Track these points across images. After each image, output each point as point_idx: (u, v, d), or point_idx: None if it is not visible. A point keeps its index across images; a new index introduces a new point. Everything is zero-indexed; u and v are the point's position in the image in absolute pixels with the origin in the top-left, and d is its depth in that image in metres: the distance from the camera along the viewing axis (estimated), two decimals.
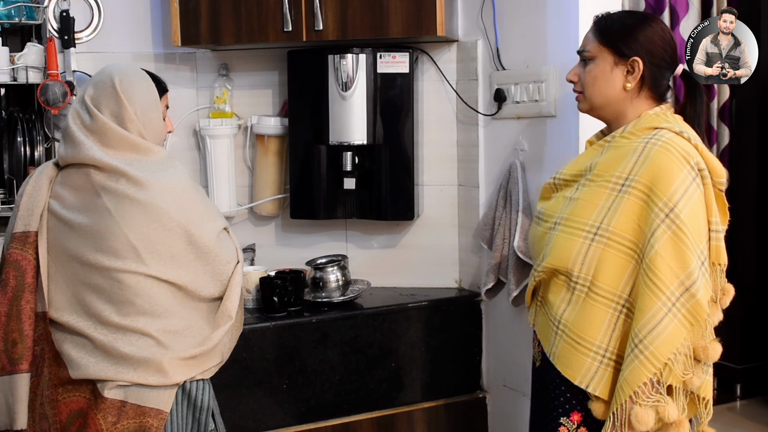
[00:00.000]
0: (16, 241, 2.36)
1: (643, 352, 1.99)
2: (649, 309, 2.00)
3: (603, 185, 2.12)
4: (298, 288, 3.22)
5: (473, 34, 3.35)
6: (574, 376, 2.11)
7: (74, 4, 3.30)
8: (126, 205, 2.31)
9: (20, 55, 3.22)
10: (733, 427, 4.52)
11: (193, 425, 2.42)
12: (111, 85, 2.40)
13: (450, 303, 3.37)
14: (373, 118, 3.32)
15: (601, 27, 2.22)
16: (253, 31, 3.24)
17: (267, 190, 3.52)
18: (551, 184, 2.32)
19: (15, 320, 2.33)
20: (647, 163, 2.06)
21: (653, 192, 2.04)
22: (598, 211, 2.10)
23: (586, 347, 2.09)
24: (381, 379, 3.21)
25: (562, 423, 2.17)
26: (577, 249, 2.10)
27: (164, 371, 2.30)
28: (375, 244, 3.56)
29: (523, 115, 3.10)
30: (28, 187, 2.41)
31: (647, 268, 2.01)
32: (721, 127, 5.05)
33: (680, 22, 4.86)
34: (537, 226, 2.31)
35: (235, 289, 2.47)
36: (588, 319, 2.09)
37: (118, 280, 2.30)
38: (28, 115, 3.26)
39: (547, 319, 2.21)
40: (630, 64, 2.17)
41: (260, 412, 3.00)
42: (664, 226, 2.01)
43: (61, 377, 2.32)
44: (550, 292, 2.19)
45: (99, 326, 2.30)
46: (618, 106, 2.21)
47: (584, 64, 2.24)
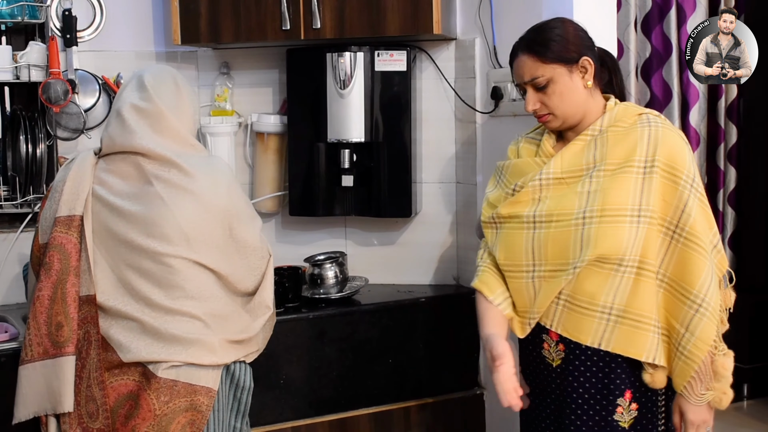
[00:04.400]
0: (60, 224, 2.43)
1: (708, 309, 2.19)
2: (702, 270, 2.20)
3: (627, 171, 2.24)
4: (296, 284, 3.26)
5: (471, 33, 3.38)
6: (640, 353, 2.24)
7: (76, 3, 3.33)
8: (179, 193, 2.43)
9: (23, 53, 3.25)
10: (740, 427, 4.53)
11: (233, 404, 2.55)
12: (172, 78, 2.58)
13: (448, 300, 3.39)
14: (371, 115, 3.35)
15: (538, 49, 2.29)
16: (252, 29, 3.27)
17: (267, 187, 3.55)
18: (535, 186, 2.34)
19: (60, 303, 2.40)
20: (660, 145, 2.24)
21: (674, 168, 2.23)
22: (633, 195, 2.23)
23: (647, 323, 2.23)
24: (378, 375, 3.23)
25: (619, 404, 2.29)
26: (627, 234, 2.21)
27: (215, 351, 2.42)
28: (374, 241, 3.59)
29: (520, 113, 3.12)
30: (71, 172, 2.48)
31: (690, 235, 2.22)
32: (728, 125, 5.05)
33: (687, 21, 4.87)
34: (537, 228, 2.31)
35: (270, 281, 2.63)
36: (642, 297, 2.23)
37: (169, 264, 2.39)
38: (30, 113, 3.29)
39: (580, 315, 2.27)
40: (581, 65, 2.29)
41: (258, 407, 3.02)
42: (693, 196, 2.22)
43: (110, 361, 2.39)
44: (588, 285, 2.25)
45: (147, 309, 2.39)
46: (585, 106, 2.33)
47: (540, 90, 2.30)
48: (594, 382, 2.29)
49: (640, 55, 4.86)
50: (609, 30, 2.94)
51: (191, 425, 2.38)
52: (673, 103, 4.80)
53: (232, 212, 2.52)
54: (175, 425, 2.36)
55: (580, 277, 2.25)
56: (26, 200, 3.26)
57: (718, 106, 5.02)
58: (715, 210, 5.17)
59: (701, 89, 4.89)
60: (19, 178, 3.26)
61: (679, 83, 4.84)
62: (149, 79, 2.53)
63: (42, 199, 2.61)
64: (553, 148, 2.39)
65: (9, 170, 3.32)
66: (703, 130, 4.96)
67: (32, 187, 3.27)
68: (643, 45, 4.86)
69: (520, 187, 2.36)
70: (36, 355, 2.40)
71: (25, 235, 3.20)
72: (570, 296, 2.28)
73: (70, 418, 2.39)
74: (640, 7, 4.84)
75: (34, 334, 2.40)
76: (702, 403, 2.24)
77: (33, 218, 3.22)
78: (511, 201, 2.38)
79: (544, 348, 2.37)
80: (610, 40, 2.89)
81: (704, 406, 2.25)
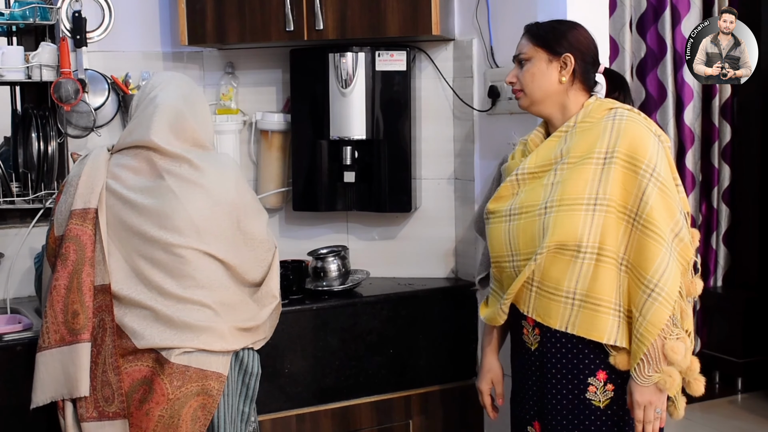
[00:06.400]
0: (75, 217, 2.52)
1: (660, 294, 2.27)
2: (657, 256, 2.28)
3: (586, 163, 2.36)
4: (299, 277, 3.31)
5: (469, 34, 3.44)
6: (601, 336, 2.35)
7: (86, 5, 3.38)
8: (190, 187, 2.52)
9: (34, 54, 3.30)
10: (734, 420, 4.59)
11: (242, 389, 2.63)
12: (188, 84, 2.72)
13: (446, 292, 3.45)
14: (372, 114, 3.41)
15: (534, 32, 2.51)
16: (257, 30, 3.32)
17: (271, 183, 3.61)
18: (512, 182, 2.50)
19: (75, 292, 2.48)
20: (621, 135, 2.35)
21: (634, 158, 2.32)
22: (590, 184, 2.34)
23: (606, 307, 2.34)
24: (379, 365, 3.28)
25: (590, 383, 2.39)
26: (582, 221, 2.32)
27: (225, 338, 2.50)
28: (375, 236, 3.64)
29: (516, 111, 3.18)
30: (86, 167, 2.57)
31: (646, 222, 2.29)
32: (722, 124, 5.11)
33: (682, 21, 4.91)
34: (511, 221, 2.46)
35: (276, 272, 2.71)
36: (602, 281, 2.34)
37: (180, 255, 2.48)
38: (41, 112, 3.33)
39: (548, 300, 2.39)
40: (563, 60, 2.45)
41: (263, 395, 3.06)
42: (651, 185, 2.30)
43: (125, 348, 2.47)
44: (553, 271, 2.37)
45: (160, 298, 2.47)
46: (557, 98, 2.48)
47: (521, 66, 2.50)
48: (565, 362, 2.41)
49: (635, 55, 4.92)
50: (602, 30, 3.00)
51: (202, 409, 2.46)
52: (668, 102, 4.86)
53: (240, 206, 2.60)
54: (188, 409, 2.44)
55: (546, 263, 2.36)
56: (38, 196, 3.31)
57: (713, 105, 5.07)
58: (710, 207, 5.23)
59: (696, 88, 4.94)
60: (31, 175, 3.32)
61: (674, 83, 4.89)
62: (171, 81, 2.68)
63: (56, 194, 2.69)
64: (536, 146, 2.53)
65: (21, 167, 3.37)
66: (697, 128, 5.01)
67: (44, 183, 3.33)
68: (638, 45, 4.91)
69: (501, 184, 2.54)
70: (53, 342, 2.49)
71: (37, 230, 3.25)
72: (540, 282, 2.40)
73: (87, 402, 2.47)
74: (635, 7, 4.89)
75: (51, 322, 2.49)
76: (648, 384, 2.31)
77: (45, 214, 3.27)
78: (495, 197, 2.55)
79: (524, 333, 2.51)
80: (602, 40, 2.95)
81: (651, 387, 2.32)
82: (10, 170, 3.42)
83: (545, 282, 2.39)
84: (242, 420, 2.63)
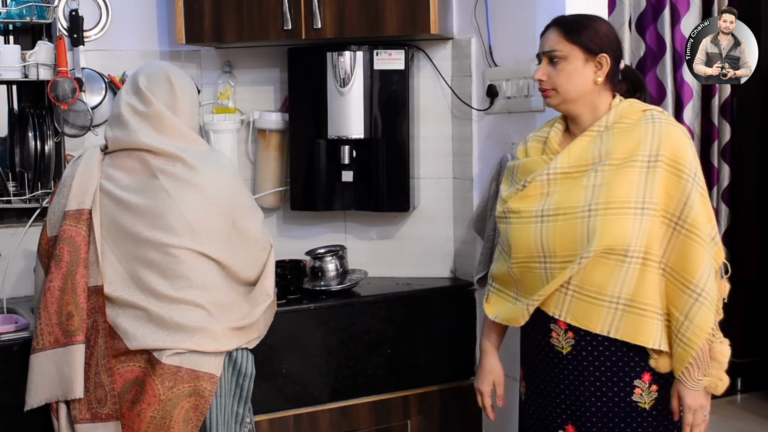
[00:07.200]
0: (69, 218, 2.51)
1: (707, 298, 2.28)
2: (702, 260, 2.29)
3: (631, 166, 2.33)
4: (297, 277, 3.31)
5: (467, 32, 3.43)
6: (647, 341, 2.33)
7: (83, 3, 3.37)
8: (183, 186, 2.50)
9: (31, 52, 3.29)
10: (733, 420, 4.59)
11: (236, 390, 2.61)
12: (165, 77, 2.61)
13: (445, 292, 3.44)
14: (371, 113, 3.40)
15: (568, 28, 2.42)
16: (255, 29, 3.32)
17: (268, 182, 3.61)
18: (542, 181, 2.43)
19: (70, 294, 2.47)
20: (664, 139, 2.33)
21: (678, 162, 2.32)
22: (637, 188, 2.31)
23: (652, 311, 2.33)
24: (377, 365, 3.28)
25: (636, 385, 2.37)
26: (631, 225, 2.29)
27: (218, 339, 2.48)
28: (373, 235, 3.64)
29: (514, 110, 3.19)
30: (79, 168, 2.55)
31: (691, 227, 2.30)
32: (722, 123, 5.09)
33: (681, 20, 4.90)
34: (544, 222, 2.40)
35: (271, 271, 2.69)
36: (648, 286, 2.32)
37: (174, 255, 2.47)
38: (38, 111, 3.33)
39: (588, 304, 2.35)
40: (598, 60, 2.40)
41: (261, 395, 3.07)
42: (695, 189, 2.31)
43: (117, 349, 2.46)
44: (596, 275, 2.33)
45: (153, 299, 2.46)
46: (589, 98, 2.42)
47: (552, 63, 2.43)
48: (609, 365, 2.37)
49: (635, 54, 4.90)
50: None
51: (195, 410, 2.45)
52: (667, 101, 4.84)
53: (235, 204, 2.59)
54: (179, 409, 2.43)
55: (588, 267, 2.32)
56: (34, 196, 3.31)
57: (712, 105, 5.06)
58: None
59: (695, 88, 4.93)
60: (28, 174, 3.32)
61: (673, 82, 4.88)
62: (143, 82, 2.59)
63: (50, 194, 2.68)
64: (558, 145, 2.48)
65: (17, 166, 3.38)
66: (697, 128, 5.00)
67: (40, 183, 3.32)
68: (637, 44, 4.90)
69: (528, 183, 2.45)
70: (47, 344, 2.48)
71: (33, 229, 3.24)
72: (578, 286, 2.35)
73: (80, 404, 2.46)
74: (635, 6, 4.88)
75: (45, 324, 2.48)
76: (699, 388, 2.31)
77: (41, 213, 3.25)
78: (520, 196, 2.46)
79: (552, 337, 2.44)
80: None
81: (701, 391, 2.32)
82: (7, 170, 3.42)
83: (585, 286, 2.35)
84: (236, 421, 2.61)
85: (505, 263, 2.55)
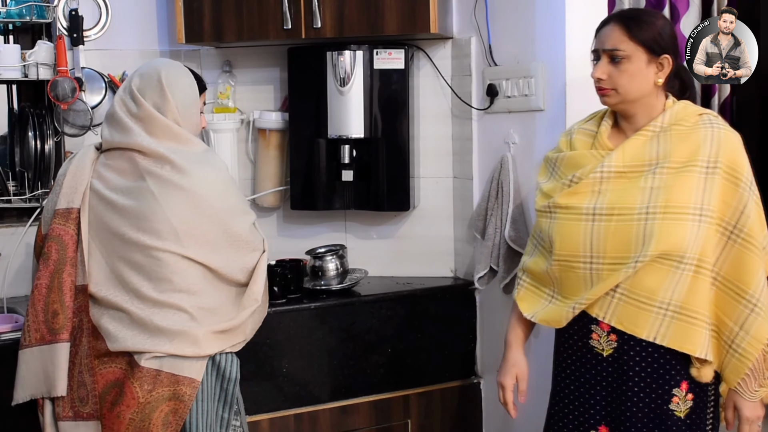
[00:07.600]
0: (59, 216, 2.51)
1: (762, 309, 2.25)
2: (758, 271, 2.26)
3: (691, 171, 2.26)
4: (297, 276, 3.31)
5: (467, 32, 3.43)
6: (694, 349, 2.29)
7: (83, 3, 3.37)
8: (170, 189, 2.47)
9: (31, 52, 3.30)
10: None
11: (220, 395, 2.58)
12: (157, 78, 2.57)
13: (445, 291, 3.44)
14: (370, 112, 3.40)
15: (631, 26, 2.31)
16: (254, 28, 3.32)
17: (268, 182, 3.61)
18: (595, 179, 2.35)
19: (56, 292, 2.47)
20: (722, 146, 2.27)
21: (736, 170, 2.27)
22: (696, 194, 2.25)
23: (701, 320, 2.28)
24: (378, 365, 3.28)
25: (675, 394, 2.33)
26: (690, 231, 2.24)
27: (199, 343, 2.46)
28: (373, 235, 3.64)
29: (514, 109, 3.19)
30: (71, 167, 2.55)
31: (747, 236, 2.26)
32: None
33: (680, 19, 4.89)
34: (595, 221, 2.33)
35: (261, 275, 2.65)
36: (699, 294, 2.27)
37: (158, 258, 2.45)
38: (38, 110, 3.33)
39: (636, 309, 2.30)
40: (660, 61, 2.32)
41: (261, 395, 3.08)
42: (752, 199, 2.26)
43: (99, 349, 2.46)
44: (648, 280, 2.27)
45: (136, 301, 2.45)
46: (648, 99, 2.35)
47: (613, 62, 2.32)
48: (650, 371, 2.33)
49: None
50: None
51: (174, 413, 2.44)
52: None
53: (225, 207, 2.55)
54: (158, 413, 2.42)
55: (640, 271, 2.27)
56: (34, 195, 3.32)
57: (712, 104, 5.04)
58: None
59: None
60: (28, 174, 3.33)
61: None
62: (136, 82, 2.57)
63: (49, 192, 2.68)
64: (609, 141, 2.40)
65: (17, 166, 3.38)
66: None
67: (40, 182, 3.33)
68: None
69: (578, 179, 2.37)
70: (33, 340, 2.49)
71: (33, 229, 3.16)
72: (627, 290, 2.30)
73: (64, 402, 2.47)
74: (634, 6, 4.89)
75: (32, 321, 2.49)
76: (756, 399, 2.30)
77: (41, 213, 3.25)
78: (569, 191, 2.38)
79: (592, 338, 2.38)
80: None
81: (758, 402, 2.30)
82: (7, 169, 3.42)
83: (635, 290, 2.29)
84: (221, 426, 2.59)
85: (543, 259, 2.47)
